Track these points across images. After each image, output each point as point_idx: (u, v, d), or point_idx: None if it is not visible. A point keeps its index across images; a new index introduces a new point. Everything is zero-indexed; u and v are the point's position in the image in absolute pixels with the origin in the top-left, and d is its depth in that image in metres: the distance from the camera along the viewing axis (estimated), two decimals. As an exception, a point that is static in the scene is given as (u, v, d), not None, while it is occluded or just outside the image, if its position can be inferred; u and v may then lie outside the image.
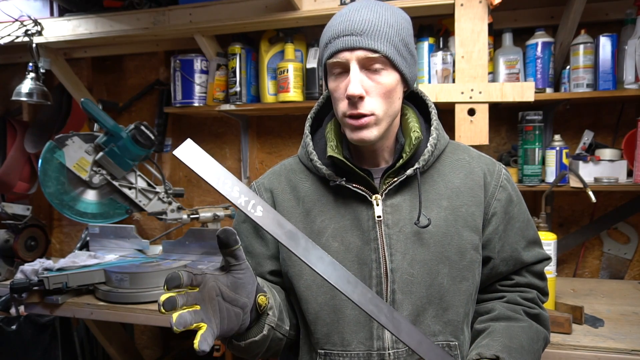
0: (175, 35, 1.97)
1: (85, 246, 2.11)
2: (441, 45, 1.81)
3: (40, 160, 1.95)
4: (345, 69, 0.84)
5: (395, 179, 0.89)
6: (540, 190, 1.80)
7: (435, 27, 1.90)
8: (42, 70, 2.02)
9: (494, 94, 1.45)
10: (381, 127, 0.86)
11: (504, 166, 0.99)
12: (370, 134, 0.85)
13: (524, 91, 1.44)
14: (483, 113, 1.46)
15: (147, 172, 2.16)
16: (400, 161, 0.90)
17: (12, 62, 2.55)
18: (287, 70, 1.90)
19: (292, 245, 0.69)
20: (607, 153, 1.76)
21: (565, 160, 1.74)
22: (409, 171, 0.89)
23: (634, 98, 1.75)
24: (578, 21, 1.66)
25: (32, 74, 1.99)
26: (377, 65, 0.83)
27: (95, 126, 2.18)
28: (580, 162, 1.75)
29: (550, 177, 1.76)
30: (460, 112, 1.47)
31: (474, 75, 1.47)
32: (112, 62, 2.53)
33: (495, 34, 1.86)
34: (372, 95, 0.84)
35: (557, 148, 1.75)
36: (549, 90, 1.78)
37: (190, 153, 0.66)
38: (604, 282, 1.90)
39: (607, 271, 1.99)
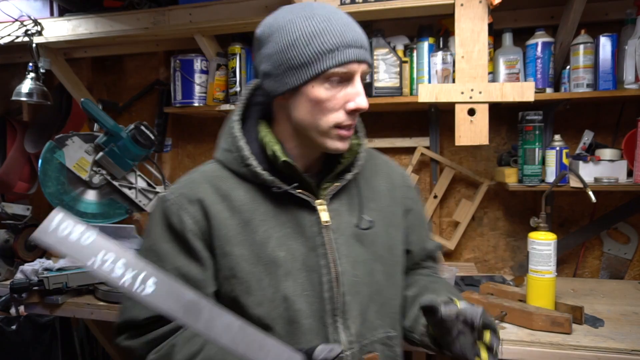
0: (175, 35, 1.97)
1: (85, 246, 2.11)
2: (441, 45, 1.81)
3: (40, 160, 1.95)
4: (346, 80, 0.82)
5: (338, 183, 0.91)
6: (540, 190, 1.80)
7: (435, 27, 1.90)
8: (42, 70, 2.02)
9: (494, 94, 1.45)
10: None
11: (401, 167, 1.11)
12: (349, 143, 0.89)
13: (524, 91, 1.44)
14: (483, 113, 1.46)
15: (147, 172, 2.16)
16: (340, 166, 0.91)
17: (12, 62, 2.55)
18: (287, 70, 1.90)
19: (192, 320, 0.61)
20: (607, 153, 1.76)
21: (565, 160, 1.74)
22: (349, 176, 0.92)
23: (634, 98, 1.75)
24: (578, 21, 1.66)
25: (32, 74, 1.99)
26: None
27: (95, 126, 2.18)
28: (580, 162, 1.75)
29: (550, 177, 1.76)
30: (460, 112, 1.47)
31: (474, 75, 1.47)
32: (112, 62, 2.53)
33: (495, 34, 1.86)
34: None
35: (557, 148, 1.74)
36: (549, 90, 1.78)
37: (58, 227, 0.56)
38: (604, 282, 1.90)
39: (607, 271, 1.99)
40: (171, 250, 0.87)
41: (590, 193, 1.56)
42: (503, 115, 2.05)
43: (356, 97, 0.83)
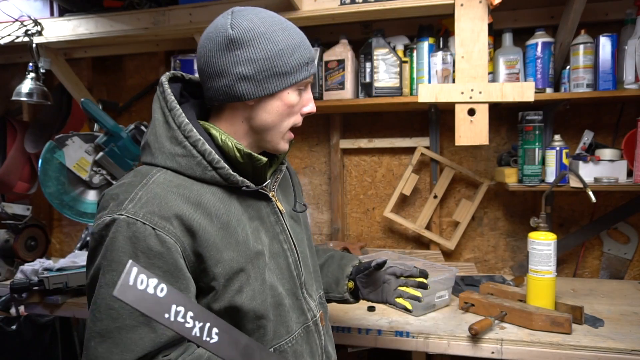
0: (175, 35, 1.97)
1: (85, 246, 2.11)
2: (441, 45, 1.81)
3: (40, 160, 1.95)
4: (305, 88, 0.95)
5: (278, 175, 1.02)
6: (540, 190, 1.80)
7: (435, 27, 1.90)
8: (42, 70, 2.01)
9: (494, 94, 1.45)
10: None
11: None
12: None
13: (524, 91, 1.44)
14: (483, 113, 1.46)
15: (147, 172, 2.16)
16: (278, 160, 1.03)
17: (12, 62, 2.55)
18: (287, 70, 1.90)
19: None
20: (607, 153, 1.76)
21: (565, 160, 1.74)
22: (283, 167, 1.04)
23: (634, 98, 1.75)
24: (578, 21, 1.66)
25: (32, 74, 1.99)
26: None
27: (95, 126, 2.18)
28: (580, 162, 1.75)
29: (550, 177, 1.76)
30: (460, 112, 1.47)
31: (474, 75, 1.47)
32: (112, 62, 2.53)
33: (495, 34, 1.86)
34: None
35: (557, 148, 1.75)
36: (549, 90, 1.78)
37: (136, 281, 0.52)
38: (604, 282, 1.90)
39: (607, 271, 1.99)
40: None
41: (590, 193, 1.56)
42: (503, 115, 2.05)
43: (310, 102, 0.96)
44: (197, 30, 1.88)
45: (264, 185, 0.96)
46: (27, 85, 1.97)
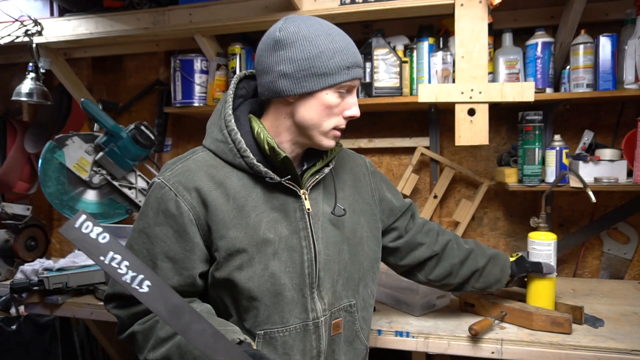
0: (175, 35, 1.97)
1: (85, 246, 2.11)
2: (441, 45, 1.81)
3: (40, 160, 1.95)
4: (348, 91, 0.99)
5: (317, 176, 1.05)
6: (540, 190, 1.80)
7: (435, 27, 1.90)
8: (42, 70, 2.01)
9: (494, 94, 1.45)
10: None
11: (362, 156, 1.26)
12: None
13: (524, 91, 1.44)
14: (483, 113, 1.46)
15: (147, 172, 2.16)
16: (321, 162, 1.06)
17: (12, 62, 2.55)
18: (287, 70, 1.90)
19: (173, 321, 0.71)
20: (607, 153, 1.76)
21: (565, 160, 1.74)
22: (326, 170, 1.06)
23: (634, 98, 1.75)
24: (578, 21, 1.66)
25: (32, 74, 1.99)
26: None
27: (95, 126, 2.18)
28: (580, 162, 1.75)
29: (550, 177, 1.76)
30: (460, 112, 1.47)
31: (474, 75, 1.47)
32: (112, 62, 2.53)
33: (495, 34, 1.86)
34: None
35: (557, 148, 1.74)
36: (549, 90, 1.78)
37: (81, 225, 0.66)
38: (604, 282, 1.90)
39: (607, 271, 1.99)
40: (162, 234, 0.96)
41: (590, 193, 1.56)
42: (503, 115, 2.05)
43: (353, 106, 1.00)
44: (197, 30, 1.88)
45: (289, 180, 0.99)
46: (27, 85, 1.97)
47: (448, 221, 2.15)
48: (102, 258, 0.67)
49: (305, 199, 1.02)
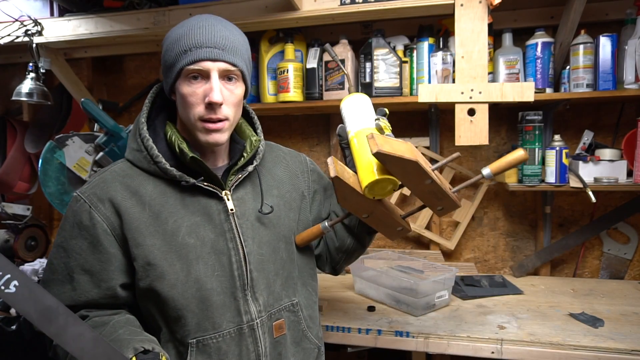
0: (175, 35, 1.96)
1: (85, 246, 2.11)
2: (441, 45, 1.81)
3: (40, 160, 1.95)
4: (203, 77, 0.94)
5: (240, 175, 1.03)
6: (540, 190, 1.80)
7: (435, 27, 1.90)
8: (42, 70, 2.01)
9: (494, 94, 1.45)
10: (230, 130, 1.00)
11: (304, 154, 1.23)
12: (223, 136, 0.98)
13: (524, 91, 1.44)
14: (483, 113, 1.46)
15: (147, 172, 2.16)
16: (243, 160, 1.03)
17: (12, 62, 2.55)
18: (287, 71, 1.90)
19: (44, 324, 0.68)
20: (607, 153, 1.76)
21: (565, 160, 1.74)
22: (250, 168, 1.04)
23: (634, 98, 1.75)
24: (578, 21, 1.66)
25: (32, 74, 1.99)
26: (233, 78, 0.97)
27: (96, 126, 2.18)
28: (580, 162, 1.75)
29: (550, 177, 1.76)
30: (460, 112, 1.47)
31: (474, 75, 1.47)
32: (112, 62, 2.53)
33: (495, 34, 1.86)
34: (227, 103, 0.96)
35: (557, 148, 1.75)
36: (549, 90, 1.78)
37: None
38: (604, 282, 1.90)
39: (607, 271, 1.99)
40: (77, 247, 0.96)
41: (590, 193, 1.56)
42: (503, 115, 2.05)
43: (210, 92, 0.93)
44: (197, 30, 1.88)
45: (206, 181, 0.97)
46: (27, 85, 1.97)
47: (448, 221, 2.15)
48: None
49: (228, 199, 1.00)
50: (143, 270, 0.94)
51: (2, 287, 0.66)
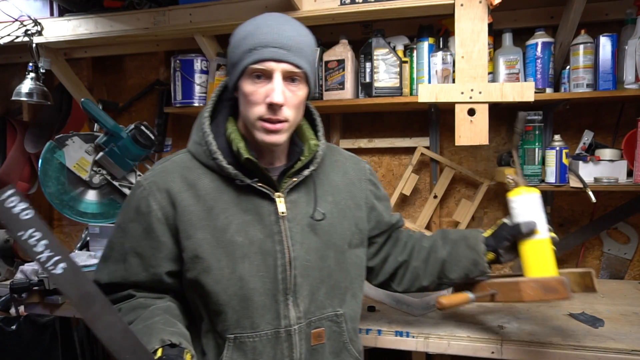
0: (175, 35, 1.97)
1: (85, 246, 2.11)
2: (441, 45, 1.81)
3: (40, 160, 1.95)
4: (266, 76, 0.94)
5: (295, 178, 1.01)
6: (540, 190, 1.79)
7: (435, 27, 1.90)
8: (42, 70, 2.01)
9: (494, 94, 1.45)
10: (289, 132, 0.99)
11: (366, 162, 1.20)
12: (282, 137, 0.97)
13: (524, 91, 1.44)
14: (483, 113, 1.46)
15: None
16: (299, 163, 1.01)
17: (12, 62, 2.55)
18: (287, 70, 1.90)
19: (83, 308, 0.72)
20: (607, 153, 1.76)
21: (565, 160, 1.74)
22: (306, 172, 1.02)
23: (634, 98, 1.75)
24: (578, 21, 1.66)
25: (32, 74, 1.99)
26: (297, 79, 0.96)
27: (96, 126, 2.18)
28: (580, 162, 1.75)
29: (550, 177, 1.76)
30: (460, 112, 1.47)
31: (474, 75, 1.48)
32: (112, 62, 2.53)
33: (495, 34, 1.86)
34: (289, 105, 0.95)
35: (557, 148, 1.74)
36: (549, 90, 1.78)
37: (6, 199, 0.67)
38: (604, 282, 1.90)
39: (607, 271, 1.99)
40: (133, 230, 0.99)
41: (590, 193, 1.56)
42: (503, 115, 2.05)
43: (272, 92, 0.92)
44: (197, 30, 1.88)
45: (261, 182, 0.98)
46: (27, 85, 1.97)
47: (448, 221, 2.15)
48: (20, 233, 0.68)
49: (281, 202, 0.99)
50: (191, 262, 0.96)
51: (51, 267, 0.69)
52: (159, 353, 0.85)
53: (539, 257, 1.15)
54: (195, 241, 0.96)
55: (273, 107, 0.93)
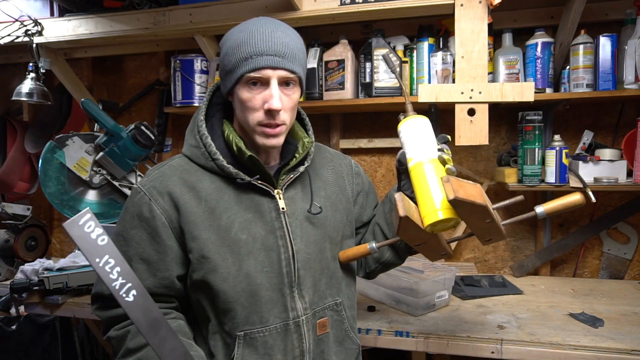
0: (176, 35, 1.97)
1: (85, 246, 2.11)
2: (441, 45, 1.81)
3: (40, 160, 1.95)
4: (263, 83, 0.96)
5: (292, 175, 1.05)
6: (540, 190, 1.80)
7: (435, 27, 1.90)
8: (42, 70, 2.02)
9: (494, 94, 1.45)
10: (285, 134, 1.02)
11: (349, 157, 1.25)
12: (280, 140, 1.01)
13: (524, 91, 1.44)
14: (483, 113, 1.46)
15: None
16: (295, 160, 1.05)
17: (12, 62, 2.55)
18: (287, 70, 1.90)
19: (151, 334, 0.72)
20: (607, 153, 1.76)
21: (565, 160, 1.74)
22: (302, 168, 1.06)
23: (634, 98, 1.75)
24: (578, 21, 1.66)
25: (32, 74, 1.99)
26: (291, 83, 0.99)
27: (96, 126, 2.18)
28: (580, 162, 1.75)
29: (550, 177, 1.76)
30: (460, 112, 1.47)
31: (474, 75, 1.48)
32: (112, 62, 2.53)
33: (495, 34, 1.86)
34: (285, 109, 0.98)
35: (557, 148, 1.75)
36: (548, 90, 1.78)
37: (84, 224, 0.67)
38: (604, 282, 1.90)
39: (607, 271, 1.99)
40: (136, 237, 0.99)
41: (590, 193, 1.56)
42: (503, 115, 2.05)
43: (270, 98, 0.95)
44: (197, 30, 1.88)
45: (260, 179, 1.00)
46: (27, 85, 1.97)
47: (448, 221, 2.14)
48: (97, 260, 0.68)
49: (280, 198, 1.03)
50: (197, 262, 0.97)
51: (124, 295, 0.69)
52: None
53: (421, 180, 0.99)
54: (200, 242, 0.97)
55: (271, 113, 0.96)
